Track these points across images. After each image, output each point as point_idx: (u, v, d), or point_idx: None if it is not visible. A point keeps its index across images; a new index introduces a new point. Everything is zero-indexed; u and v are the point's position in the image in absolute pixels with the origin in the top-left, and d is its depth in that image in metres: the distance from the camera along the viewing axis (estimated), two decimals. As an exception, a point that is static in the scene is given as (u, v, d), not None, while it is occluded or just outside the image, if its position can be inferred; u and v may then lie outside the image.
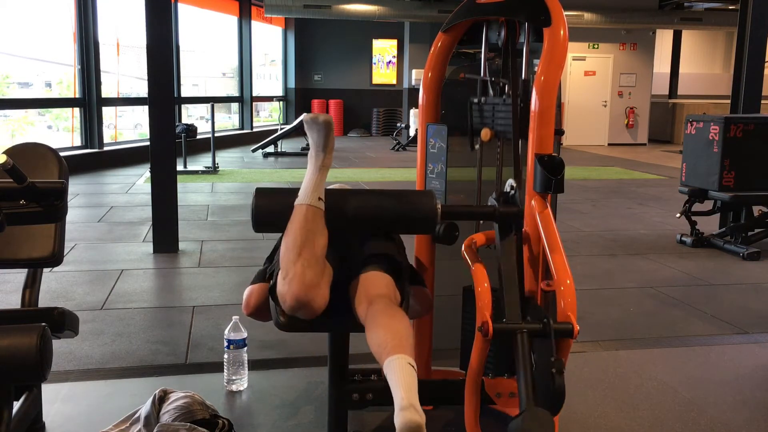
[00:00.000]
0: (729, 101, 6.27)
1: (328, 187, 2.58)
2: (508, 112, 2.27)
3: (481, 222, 2.40)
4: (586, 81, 15.09)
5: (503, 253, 2.02)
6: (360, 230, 2.12)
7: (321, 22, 15.99)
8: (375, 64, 17.15)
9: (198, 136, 10.13)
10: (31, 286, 2.21)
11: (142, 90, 10.70)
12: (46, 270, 2.39)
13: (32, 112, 10.01)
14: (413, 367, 1.71)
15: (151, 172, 5.20)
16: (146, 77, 4.96)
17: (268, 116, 17.25)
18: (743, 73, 5.98)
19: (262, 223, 2.03)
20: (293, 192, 2.00)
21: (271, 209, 2.01)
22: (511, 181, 2.11)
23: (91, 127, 9.69)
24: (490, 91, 2.43)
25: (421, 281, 2.40)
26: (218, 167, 9.71)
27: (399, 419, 1.58)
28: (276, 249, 2.41)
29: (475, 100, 2.44)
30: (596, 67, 15.09)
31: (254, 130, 14.73)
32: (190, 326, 3.51)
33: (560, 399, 1.75)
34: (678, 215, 5.74)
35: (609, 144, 15.26)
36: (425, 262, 2.50)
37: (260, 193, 2.03)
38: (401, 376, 1.67)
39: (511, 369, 2.11)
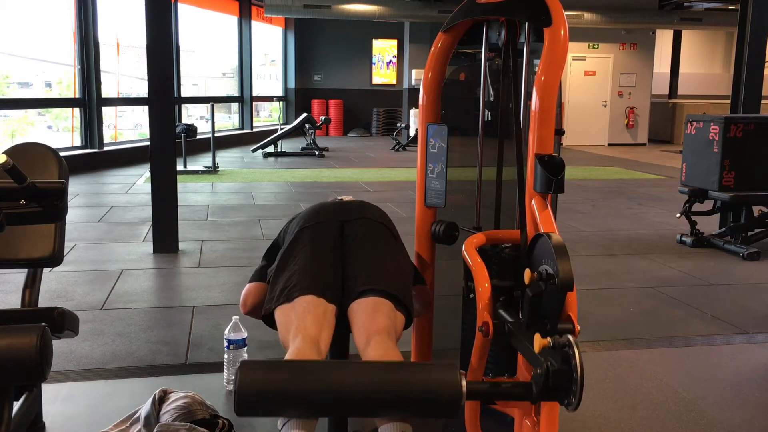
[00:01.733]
0: (729, 101, 6.27)
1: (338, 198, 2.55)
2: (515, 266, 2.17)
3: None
4: (586, 81, 15.08)
5: None
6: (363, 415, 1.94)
7: (321, 22, 15.99)
8: (375, 64, 17.15)
9: (198, 136, 10.13)
10: (31, 286, 2.21)
11: (142, 90, 10.70)
12: (46, 270, 2.39)
13: (32, 112, 10.01)
14: None
15: (151, 172, 5.20)
16: (146, 77, 4.96)
17: (268, 116, 17.24)
18: (743, 73, 5.98)
19: (248, 406, 1.62)
20: (285, 370, 1.70)
21: (259, 390, 1.61)
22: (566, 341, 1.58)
23: (91, 127, 9.69)
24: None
25: (422, 280, 2.40)
26: (218, 167, 9.71)
27: None
28: (275, 245, 2.41)
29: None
30: (596, 67, 15.08)
31: (254, 130, 14.73)
32: (190, 326, 3.51)
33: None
34: (678, 215, 5.74)
35: (609, 144, 15.26)
36: (425, 262, 2.50)
37: (246, 368, 1.63)
38: None
39: (511, 369, 2.11)
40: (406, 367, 1.72)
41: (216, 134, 10.11)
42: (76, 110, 9.71)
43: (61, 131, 10.37)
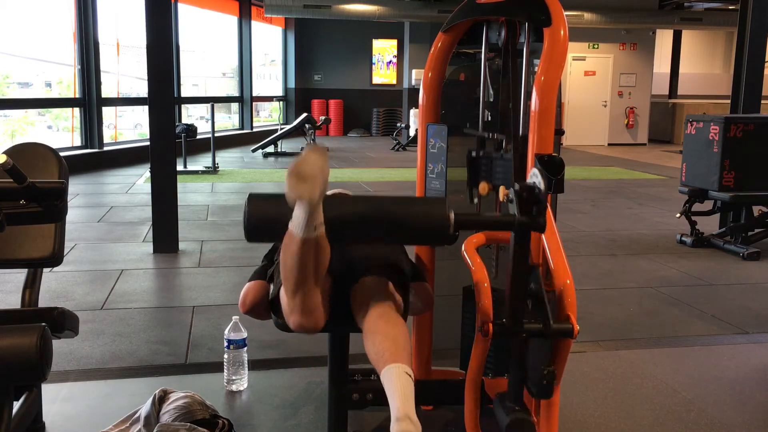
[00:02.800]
0: (729, 101, 6.27)
1: (329, 192, 2.56)
2: (505, 166, 2.26)
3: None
4: (586, 81, 15.08)
5: (515, 264, 1.85)
6: (364, 240, 2.02)
7: (321, 22, 15.99)
8: (375, 64, 17.15)
9: (198, 136, 10.13)
10: (31, 286, 2.21)
11: (142, 90, 10.70)
12: (46, 270, 2.39)
13: (32, 112, 10.01)
14: (410, 376, 1.72)
15: (151, 172, 5.20)
16: (146, 77, 4.96)
17: (268, 116, 17.24)
18: (743, 73, 5.98)
19: (256, 232, 1.86)
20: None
21: (264, 217, 1.85)
22: (536, 174, 1.83)
23: (91, 127, 9.69)
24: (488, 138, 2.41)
25: (423, 277, 2.40)
26: (218, 167, 9.71)
27: (394, 430, 1.59)
28: (275, 248, 2.41)
29: (473, 154, 2.41)
30: (596, 67, 15.08)
31: (254, 130, 14.73)
32: (190, 326, 3.51)
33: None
34: (678, 215, 5.74)
35: (609, 144, 15.26)
36: (425, 262, 2.50)
37: (253, 199, 1.87)
38: (398, 386, 1.67)
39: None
40: (402, 200, 1.89)
41: (216, 134, 10.11)
42: (76, 110, 9.71)
43: (61, 131, 10.36)
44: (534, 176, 1.82)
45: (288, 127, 12.65)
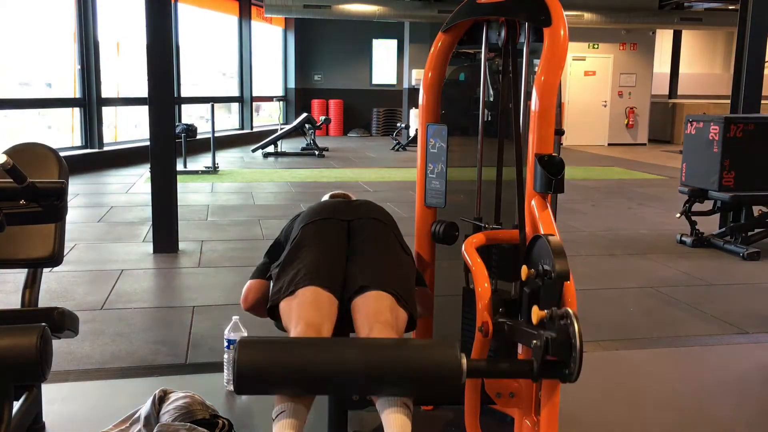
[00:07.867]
0: (729, 101, 6.27)
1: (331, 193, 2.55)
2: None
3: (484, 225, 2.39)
4: (586, 81, 15.08)
5: None
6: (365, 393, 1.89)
7: (321, 22, 15.99)
8: (375, 64, 17.14)
9: (198, 136, 10.13)
10: (31, 286, 2.21)
11: (142, 90, 10.69)
12: (46, 270, 2.39)
13: (32, 112, 10.00)
14: (408, 407, 1.72)
15: (151, 172, 5.20)
16: (146, 77, 4.96)
17: (268, 116, 17.23)
18: (743, 73, 5.97)
19: (247, 384, 1.64)
20: (285, 344, 1.73)
21: (258, 366, 1.63)
22: (562, 314, 1.61)
23: (91, 127, 9.69)
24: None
25: (424, 282, 2.41)
26: (218, 167, 9.70)
27: None
28: (277, 243, 2.41)
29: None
30: (596, 67, 15.08)
31: (254, 130, 14.73)
32: (190, 326, 3.51)
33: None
34: (678, 215, 5.74)
35: (609, 144, 15.25)
36: (425, 262, 2.50)
37: (245, 345, 1.64)
38: (394, 420, 1.69)
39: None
40: (406, 344, 1.70)
41: (216, 134, 10.11)
42: (76, 110, 9.70)
43: (61, 131, 10.35)
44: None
45: (288, 127, 12.65)
